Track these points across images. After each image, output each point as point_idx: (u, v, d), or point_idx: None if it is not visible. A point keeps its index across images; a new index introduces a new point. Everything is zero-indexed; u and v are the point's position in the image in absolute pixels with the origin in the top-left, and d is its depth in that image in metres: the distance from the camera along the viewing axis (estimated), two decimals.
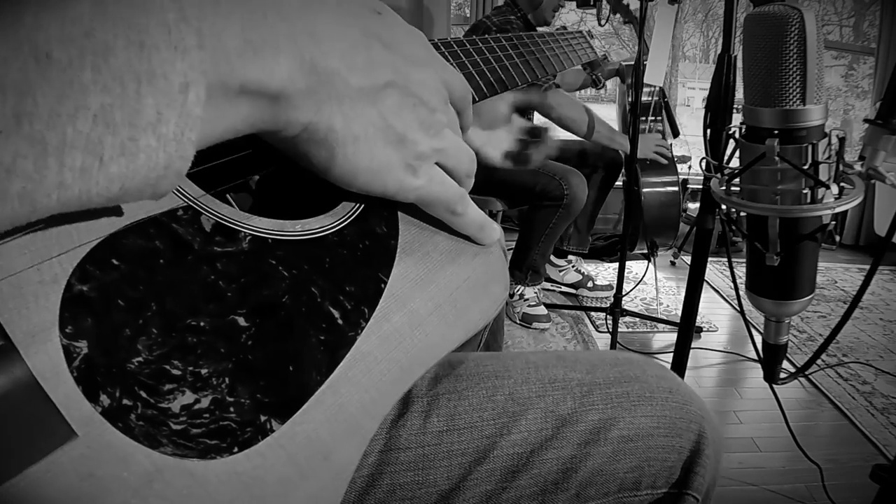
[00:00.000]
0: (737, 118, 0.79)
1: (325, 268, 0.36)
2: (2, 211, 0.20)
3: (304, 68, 0.30)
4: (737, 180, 0.65)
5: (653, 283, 2.44)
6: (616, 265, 2.16)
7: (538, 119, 2.08)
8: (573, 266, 2.39)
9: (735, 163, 0.66)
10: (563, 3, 2.15)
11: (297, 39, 0.30)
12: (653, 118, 2.33)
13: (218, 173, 0.42)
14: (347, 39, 0.33)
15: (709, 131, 0.98)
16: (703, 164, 0.77)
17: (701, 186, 1.21)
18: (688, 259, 1.41)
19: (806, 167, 0.58)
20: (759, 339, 0.76)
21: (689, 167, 2.62)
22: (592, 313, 2.20)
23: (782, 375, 0.76)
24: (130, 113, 0.22)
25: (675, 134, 1.99)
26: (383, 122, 0.35)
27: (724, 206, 0.68)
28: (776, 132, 0.59)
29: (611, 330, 1.94)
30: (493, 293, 0.43)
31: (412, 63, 0.38)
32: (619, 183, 2.35)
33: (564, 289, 2.39)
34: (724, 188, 0.66)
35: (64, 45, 0.20)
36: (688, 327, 1.18)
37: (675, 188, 2.39)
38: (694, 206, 3.02)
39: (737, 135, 0.64)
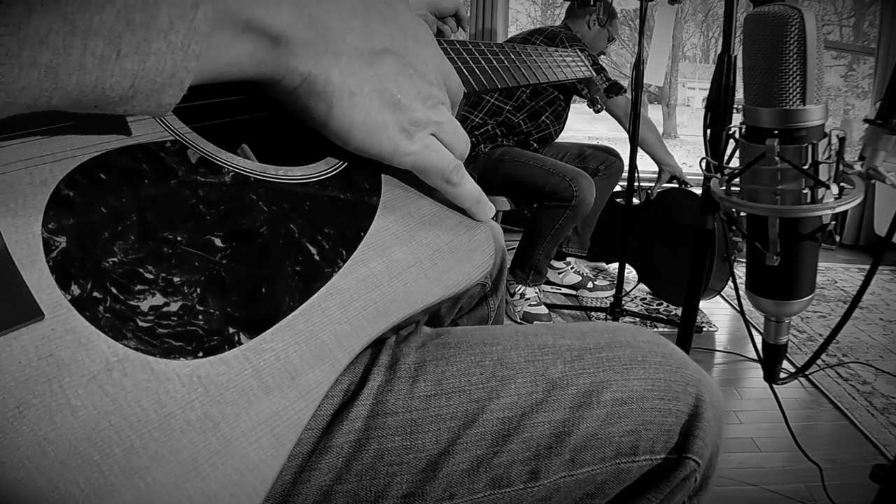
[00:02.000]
0: (737, 118, 0.79)
1: (304, 210, 0.37)
2: (28, 78, 0.23)
3: (304, 20, 0.33)
4: (737, 180, 0.65)
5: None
6: (616, 265, 2.16)
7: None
8: (572, 268, 2.39)
9: (735, 163, 0.66)
10: (610, 45, 2.27)
11: None
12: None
13: (207, 113, 0.43)
14: (346, 5, 0.36)
15: (709, 131, 0.98)
16: (703, 164, 0.77)
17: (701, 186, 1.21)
18: None
19: (806, 167, 0.58)
20: (759, 339, 0.76)
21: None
22: (592, 313, 2.20)
23: (782, 375, 0.76)
24: (147, 17, 0.25)
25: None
26: (379, 83, 0.37)
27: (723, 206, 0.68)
28: (776, 132, 0.59)
29: None
30: (476, 259, 0.44)
31: (413, 39, 0.39)
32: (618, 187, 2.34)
33: (565, 290, 2.39)
34: (724, 188, 0.66)
35: None
36: (688, 327, 1.18)
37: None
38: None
39: (737, 135, 0.64)
